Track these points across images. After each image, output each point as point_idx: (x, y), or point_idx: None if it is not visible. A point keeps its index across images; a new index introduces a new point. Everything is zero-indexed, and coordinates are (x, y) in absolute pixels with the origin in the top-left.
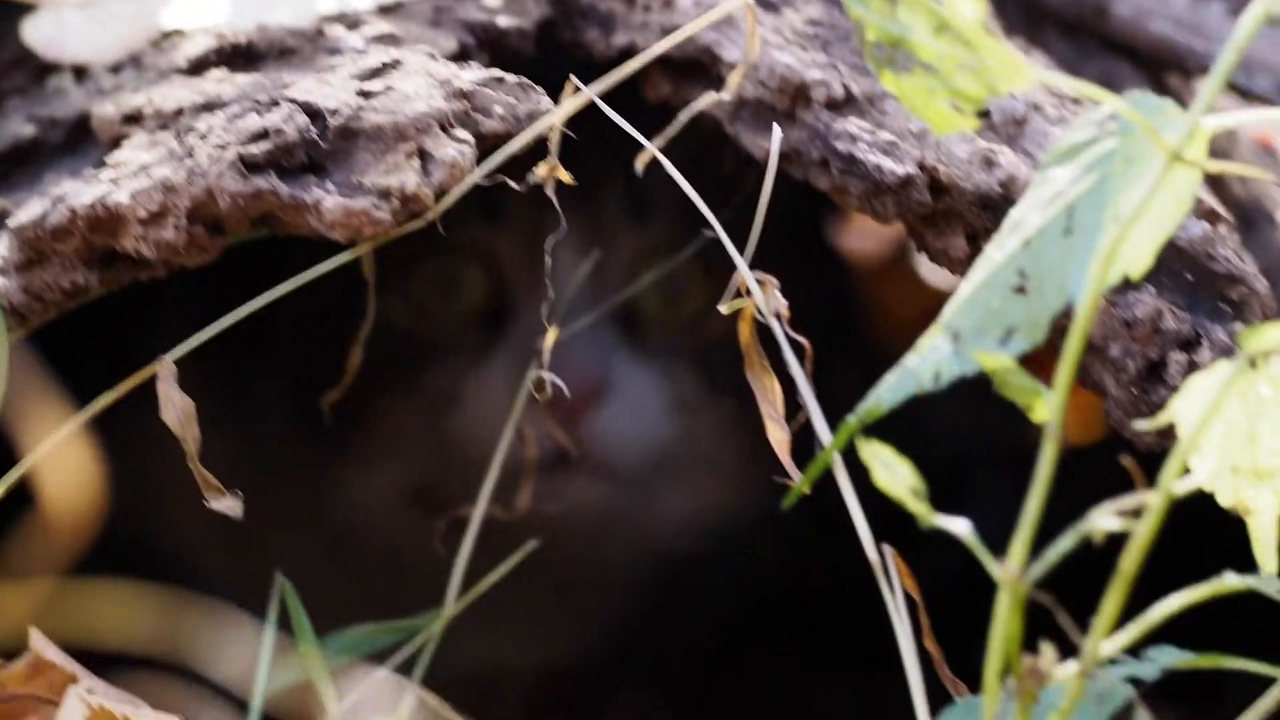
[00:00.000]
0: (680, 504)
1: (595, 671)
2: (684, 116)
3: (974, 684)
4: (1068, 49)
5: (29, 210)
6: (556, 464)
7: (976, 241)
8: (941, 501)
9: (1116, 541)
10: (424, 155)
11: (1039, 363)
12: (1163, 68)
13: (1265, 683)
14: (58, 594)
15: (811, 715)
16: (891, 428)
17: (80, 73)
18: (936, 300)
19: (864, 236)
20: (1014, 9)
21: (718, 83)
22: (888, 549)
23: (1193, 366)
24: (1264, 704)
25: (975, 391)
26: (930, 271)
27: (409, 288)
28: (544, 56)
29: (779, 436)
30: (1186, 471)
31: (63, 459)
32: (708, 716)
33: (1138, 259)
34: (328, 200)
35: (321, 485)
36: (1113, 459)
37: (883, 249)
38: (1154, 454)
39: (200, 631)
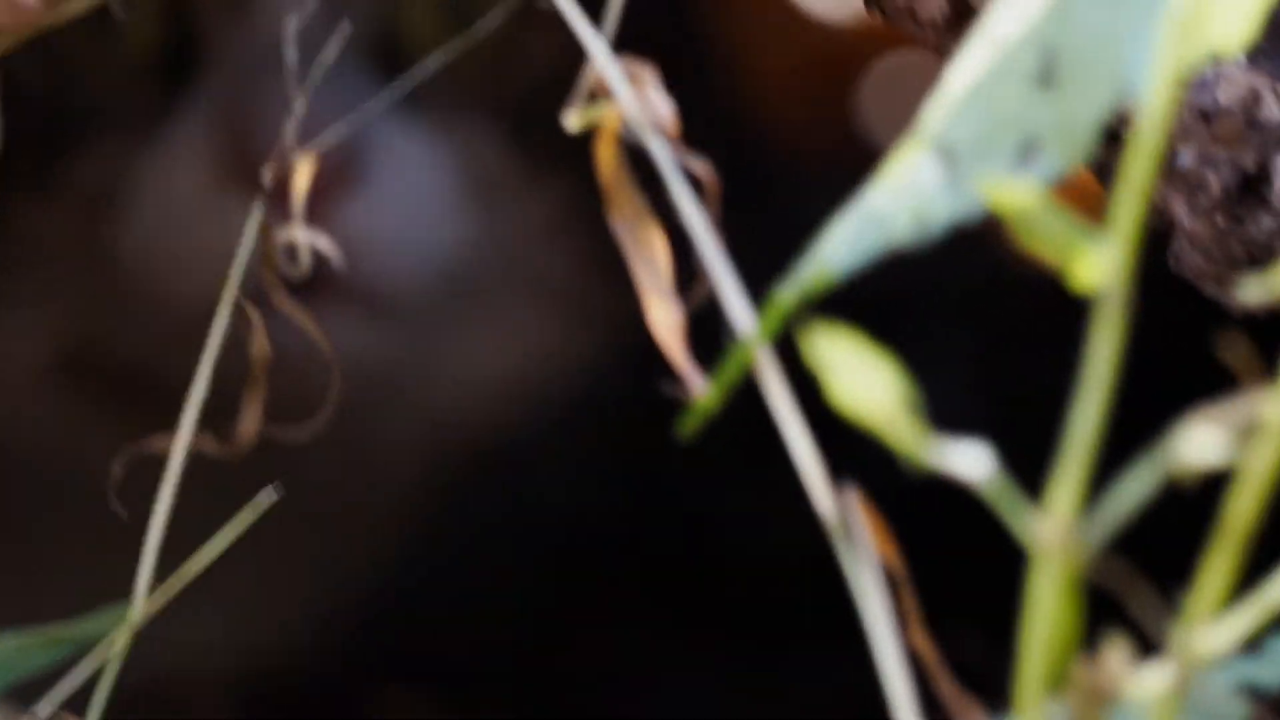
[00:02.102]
0: (484, 357)
1: (348, 660)
2: None
3: (986, 693)
4: None
5: None
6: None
7: None
8: None
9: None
10: None
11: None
12: None
13: None
14: None
15: None
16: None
17: None
18: (820, 39)
19: None
20: None
21: None
22: (850, 492)
23: None
24: None
25: None
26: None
27: (46, 35)
28: None
29: (667, 320)
30: None
31: None
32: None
33: (1234, 23)
34: None
35: None
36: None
37: None
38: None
39: None
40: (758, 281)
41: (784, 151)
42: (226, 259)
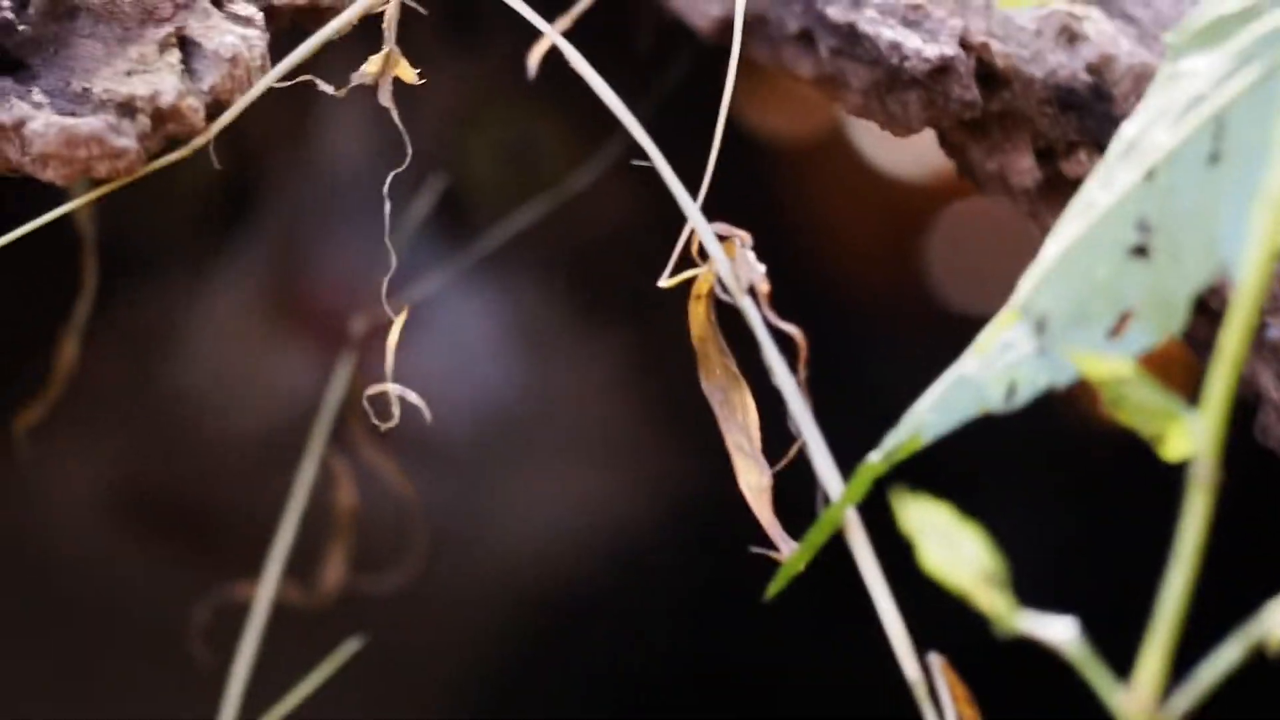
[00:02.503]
0: (545, 510)
1: None
2: None
3: None
4: None
5: None
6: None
7: (1053, 161)
8: None
9: None
10: (186, 44)
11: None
12: None
13: None
14: None
15: None
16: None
17: None
18: (889, 193)
19: (786, 111)
20: None
21: None
22: (935, 658)
23: None
24: None
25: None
26: (878, 152)
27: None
28: None
29: (756, 482)
30: None
31: None
32: None
33: None
34: (36, 120)
35: None
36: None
37: (812, 127)
38: None
39: None
40: (833, 439)
41: (860, 309)
42: (281, 399)
